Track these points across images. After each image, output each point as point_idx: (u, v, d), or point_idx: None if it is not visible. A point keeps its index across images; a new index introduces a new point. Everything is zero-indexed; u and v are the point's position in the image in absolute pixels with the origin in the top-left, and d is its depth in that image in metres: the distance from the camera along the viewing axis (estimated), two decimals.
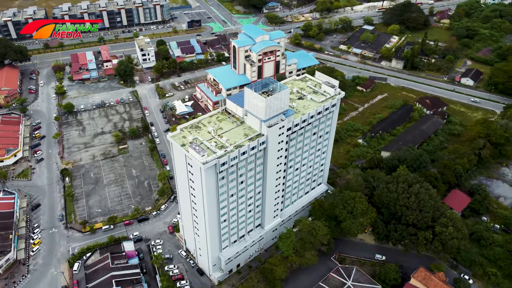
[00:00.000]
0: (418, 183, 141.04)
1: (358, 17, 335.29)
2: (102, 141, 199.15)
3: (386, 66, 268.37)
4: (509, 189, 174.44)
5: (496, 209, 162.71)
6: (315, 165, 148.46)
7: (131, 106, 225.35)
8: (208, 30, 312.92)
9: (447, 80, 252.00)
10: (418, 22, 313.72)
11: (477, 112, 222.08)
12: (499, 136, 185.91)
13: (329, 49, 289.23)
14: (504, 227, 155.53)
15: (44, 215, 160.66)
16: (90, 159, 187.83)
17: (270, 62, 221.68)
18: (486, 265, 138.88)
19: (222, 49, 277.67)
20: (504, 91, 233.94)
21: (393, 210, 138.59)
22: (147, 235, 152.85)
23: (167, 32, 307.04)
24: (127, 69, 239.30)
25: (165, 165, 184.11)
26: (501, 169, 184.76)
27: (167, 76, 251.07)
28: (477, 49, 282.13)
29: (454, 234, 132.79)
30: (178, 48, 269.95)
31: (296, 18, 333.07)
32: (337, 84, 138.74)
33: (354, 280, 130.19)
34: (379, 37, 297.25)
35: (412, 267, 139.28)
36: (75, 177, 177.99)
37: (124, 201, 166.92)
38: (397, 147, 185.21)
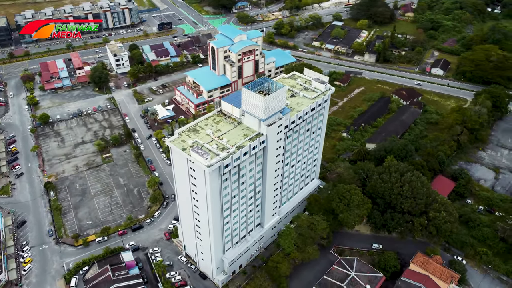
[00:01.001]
0: (409, 172, 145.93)
1: (327, 14, 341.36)
2: (83, 151, 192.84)
3: (360, 60, 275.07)
4: (488, 172, 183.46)
5: (479, 192, 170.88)
6: (308, 160, 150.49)
7: (109, 113, 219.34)
8: (179, 32, 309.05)
9: (418, 71, 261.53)
10: (385, 16, 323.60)
11: (450, 101, 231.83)
12: (474, 122, 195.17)
13: (302, 46, 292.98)
14: (487, 208, 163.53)
15: (31, 231, 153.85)
16: (73, 170, 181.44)
17: (249, 62, 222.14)
18: (477, 245, 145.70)
19: (196, 51, 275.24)
20: (472, 79, 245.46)
21: (388, 200, 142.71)
22: (144, 244, 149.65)
23: (137, 36, 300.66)
24: (102, 75, 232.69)
25: (153, 171, 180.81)
26: (478, 153, 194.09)
27: (144, 81, 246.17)
28: (443, 40, 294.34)
29: (446, 218, 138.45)
30: (152, 52, 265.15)
31: (267, 17, 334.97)
32: (326, 80, 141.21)
33: (356, 271, 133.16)
34: (350, 32, 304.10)
35: (408, 253, 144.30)
36: (60, 190, 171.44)
37: (115, 211, 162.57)
38: (380, 138, 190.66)
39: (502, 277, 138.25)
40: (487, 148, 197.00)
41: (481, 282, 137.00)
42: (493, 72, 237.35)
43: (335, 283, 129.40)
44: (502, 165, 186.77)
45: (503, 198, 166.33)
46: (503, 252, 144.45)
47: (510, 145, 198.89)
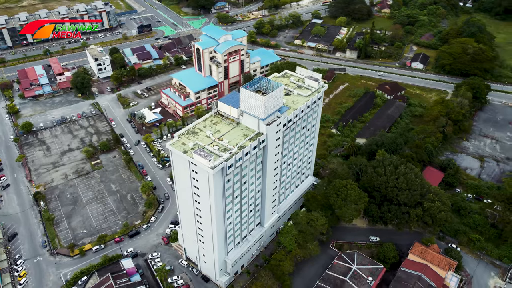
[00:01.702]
0: (402, 164, 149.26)
1: (306, 12, 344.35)
2: (71, 158, 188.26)
3: (341, 57, 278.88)
4: (473, 161, 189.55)
5: (466, 180, 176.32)
6: (304, 158, 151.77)
7: (95, 119, 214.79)
8: (159, 34, 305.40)
9: (399, 65, 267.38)
10: (362, 13, 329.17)
11: (431, 93, 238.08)
12: (457, 113, 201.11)
13: (284, 44, 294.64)
14: (476, 196, 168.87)
15: (23, 244, 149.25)
16: (62, 179, 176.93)
17: (235, 62, 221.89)
18: (469, 232, 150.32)
19: (179, 53, 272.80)
20: (451, 71, 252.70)
21: (384, 192, 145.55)
22: (142, 250, 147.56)
23: (117, 39, 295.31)
24: (85, 80, 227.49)
25: (145, 175, 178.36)
26: (463, 143, 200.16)
27: (127, 85, 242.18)
28: (420, 34, 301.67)
29: (441, 207, 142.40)
30: (134, 55, 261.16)
31: (246, 17, 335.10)
32: (319, 77, 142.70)
33: (358, 264, 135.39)
34: (330, 29, 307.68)
35: (404, 244, 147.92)
36: (50, 199, 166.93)
37: (109, 218, 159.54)
38: (369, 133, 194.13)
39: (495, 262, 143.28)
40: (471, 138, 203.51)
41: (476, 267, 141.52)
42: (470, 64, 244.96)
43: (338, 277, 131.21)
44: (486, 154, 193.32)
45: (490, 186, 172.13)
46: (494, 238, 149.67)
47: (492, 134, 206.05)
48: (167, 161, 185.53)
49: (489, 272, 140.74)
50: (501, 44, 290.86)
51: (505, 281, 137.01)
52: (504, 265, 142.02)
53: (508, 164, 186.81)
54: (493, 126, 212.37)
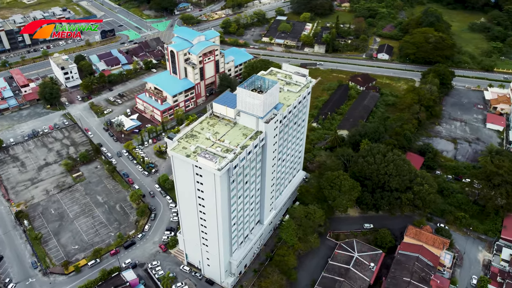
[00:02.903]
0: (389, 152, 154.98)
1: (269, 9, 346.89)
2: (50, 173, 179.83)
3: (310, 52, 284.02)
4: (447, 143, 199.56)
5: (444, 162, 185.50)
6: (295, 153, 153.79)
7: (69, 130, 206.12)
8: (124, 38, 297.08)
9: (366, 57, 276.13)
10: (324, 8, 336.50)
11: (400, 82, 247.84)
12: (428, 99, 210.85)
13: (252, 42, 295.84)
14: (455, 176, 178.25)
15: (12, 267, 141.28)
16: (44, 195, 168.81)
17: (210, 62, 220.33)
18: (454, 211, 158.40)
19: (147, 56, 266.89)
20: (415, 60, 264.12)
21: (376, 180, 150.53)
22: (140, 260, 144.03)
23: (80, 46, 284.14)
24: (53, 91, 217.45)
25: (132, 184, 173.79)
26: (436, 128, 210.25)
27: (98, 92, 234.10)
28: (381, 26, 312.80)
29: (429, 190, 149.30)
30: (102, 61, 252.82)
31: (211, 17, 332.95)
32: (307, 73, 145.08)
33: (358, 251, 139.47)
34: (295, 25, 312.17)
35: (397, 228, 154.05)
36: (33, 218, 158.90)
37: (101, 231, 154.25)
38: (349, 124, 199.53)
39: (481, 236, 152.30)
40: (442, 122, 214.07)
41: (465, 244, 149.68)
42: (433, 52, 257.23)
43: (342, 266, 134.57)
44: (458, 136, 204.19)
45: (466, 166, 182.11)
46: (477, 214, 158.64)
47: (460, 117, 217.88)
48: (152, 168, 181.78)
49: (477, 247, 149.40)
50: (456, 32, 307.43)
51: (492, 254, 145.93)
52: (490, 239, 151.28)
53: (479, 144, 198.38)
54: (460, 109, 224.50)
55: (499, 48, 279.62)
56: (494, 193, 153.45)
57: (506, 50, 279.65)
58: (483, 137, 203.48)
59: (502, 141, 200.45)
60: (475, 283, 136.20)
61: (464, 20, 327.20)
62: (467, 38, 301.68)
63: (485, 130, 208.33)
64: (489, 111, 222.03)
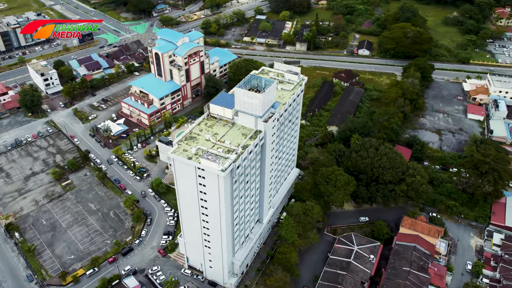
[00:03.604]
0: (382, 145, 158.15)
1: (248, 9, 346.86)
2: (38, 183, 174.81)
3: (292, 50, 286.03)
4: (432, 135, 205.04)
5: (431, 153, 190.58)
6: (290, 150, 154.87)
7: (53, 137, 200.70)
8: (102, 42, 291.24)
9: (347, 53, 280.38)
10: (303, 6, 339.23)
11: (382, 77, 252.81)
12: (411, 93, 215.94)
13: (234, 42, 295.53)
14: (442, 166, 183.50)
15: (6, 281, 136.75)
16: (33, 206, 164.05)
17: (196, 64, 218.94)
18: (445, 200, 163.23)
19: (128, 60, 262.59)
20: (395, 55, 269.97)
21: (370, 174, 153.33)
22: (140, 266, 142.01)
23: (57, 52, 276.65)
24: (34, 98, 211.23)
25: (124, 190, 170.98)
26: (420, 120, 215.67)
27: (81, 98, 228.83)
28: (360, 23, 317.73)
29: (421, 180, 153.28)
30: (82, 66, 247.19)
31: (190, 18, 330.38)
32: (299, 70, 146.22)
33: (357, 244, 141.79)
34: (275, 24, 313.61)
35: (391, 220, 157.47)
36: (24, 229, 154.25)
37: (96, 239, 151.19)
38: (337, 120, 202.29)
39: (472, 223, 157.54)
40: (426, 115, 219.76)
41: (457, 231, 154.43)
42: (411, 46, 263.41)
43: (343, 260, 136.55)
44: (441, 127, 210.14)
45: (452, 156, 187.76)
46: (467, 202, 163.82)
47: (443, 109, 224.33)
48: (144, 172, 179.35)
49: (468, 233, 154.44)
50: (431, 26, 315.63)
51: (483, 239, 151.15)
52: (480, 225, 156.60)
53: (462, 135, 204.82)
54: (441, 101, 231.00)
55: (473, 41, 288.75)
56: (481, 181, 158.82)
57: (480, 42, 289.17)
58: (465, 127, 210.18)
59: (483, 131, 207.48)
60: (470, 269, 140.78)
61: (438, 14, 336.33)
62: (442, 32, 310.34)
63: (466, 121, 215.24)
64: (469, 102, 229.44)
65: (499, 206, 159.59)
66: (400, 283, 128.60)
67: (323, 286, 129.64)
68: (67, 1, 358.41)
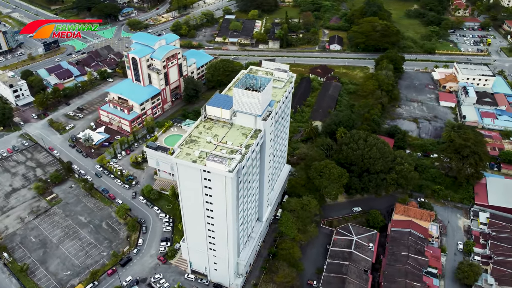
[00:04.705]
0: (369, 137, 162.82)
1: (215, 9, 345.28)
2: (20, 199, 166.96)
3: (265, 49, 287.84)
4: (410, 123, 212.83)
5: (412, 141, 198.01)
6: (282, 147, 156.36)
7: (30, 151, 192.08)
8: (70, 49, 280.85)
9: (320, 49, 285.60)
10: (270, 4, 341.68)
11: (356, 71, 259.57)
12: (387, 84, 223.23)
13: (206, 43, 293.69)
14: (424, 153, 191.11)
15: None
16: (19, 224, 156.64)
17: (174, 67, 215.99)
18: (430, 185, 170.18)
19: (100, 66, 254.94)
20: (365, 49, 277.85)
21: (361, 165, 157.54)
22: (141, 275, 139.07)
23: (22, 61, 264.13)
24: (5, 111, 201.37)
25: (113, 199, 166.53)
26: (397, 110, 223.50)
27: (54, 108, 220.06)
28: (328, 19, 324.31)
29: (409, 168, 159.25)
30: (52, 75, 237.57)
31: (158, 20, 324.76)
32: (287, 68, 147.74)
33: (356, 234, 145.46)
34: (245, 23, 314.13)
35: (383, 208, 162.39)
36: (12, 249, 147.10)
37: (91, 252, 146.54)
38: (320, 115, 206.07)
39: (458, 205, 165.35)
40: (401, 105, 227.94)
41: (446, 214, 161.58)
42: (381, 39, 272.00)
43: (344, 251, 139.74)
44: (418, 116, 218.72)
45: (431, 142, 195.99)
46: (451, 185, 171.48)
47: (416, 98, 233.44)
48: (132, 180, 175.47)
49: (455, 215, 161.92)
50: (395, 19, 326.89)
51: (470, 219, 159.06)
52: (465, 206, 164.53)
53: (437, 121, 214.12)
54: (414, 91, 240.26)
55: (436, 31, 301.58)
56: (463, 164, 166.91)
57: (443, 33, 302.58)
58: (439, 114, 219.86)
59: (456, 117, 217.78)
60: (462, 248, 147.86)
61: (400, 8, 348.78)
62: (406, 24, 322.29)
63: (440, 108, 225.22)
64: (439, 90, 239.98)
65: (481, 186, 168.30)
66: (401, 268, 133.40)
67: (328, 277, 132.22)
68: (26, 8, 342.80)
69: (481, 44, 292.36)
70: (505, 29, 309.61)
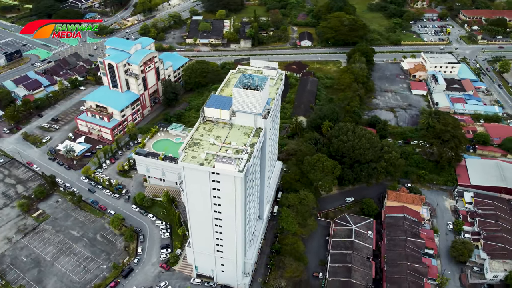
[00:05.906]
0: (357, 128, 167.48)
1: (181, 10, 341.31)
2: (4, 218, 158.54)
3: (237, 48, 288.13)
4: (387, 113, 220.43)
5: (391, 130, 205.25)
6: (275, 144, 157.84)
7: (7, 167, 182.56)
8: (34, 59, 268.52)
9: (291, 46, 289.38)
10: (236, 3, 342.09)
11: (329, 65, 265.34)
12: (362, 76, 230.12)
13: (177, 45, 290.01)
14: (404, 141, 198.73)
15: None
16: (6, 244, 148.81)
17: (151, 71, 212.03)
18: (415, 170, 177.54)
19: (69, 74, 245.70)
20: (335, 43, 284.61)
21: (353, 155, 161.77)
22: (145, 284, 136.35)
23: None
24: None
25: (105, 210, 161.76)
26: (373, 101, 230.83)
27: (27, 121, 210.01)
28: (295, 15, 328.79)
29: (396, 155, 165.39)
30: (19, 86, 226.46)
31: (124, 24, 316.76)
32: (276, 65, 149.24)
33: (354, 223, 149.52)
34: (214, 24, 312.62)
35: (374, 196, 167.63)
36: (3, 271, 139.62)
37: (89, 266, 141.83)
38: (302, 110, 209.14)
39: (443, 187, 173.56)
40: (377, 95, 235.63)
41: (433, 197, 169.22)
42: (349, 34, 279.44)
43: (346, 241, 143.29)
44: (393, 105, 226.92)
45: (410, 130, 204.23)
46: (434, 169, 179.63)
47: (390, 88, 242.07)
48: (122, 189, 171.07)
49: (441, 197, 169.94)
50: (359, 13, 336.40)
51: (455, 200, 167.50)
52: (449, 188, 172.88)
53: (412, 109, 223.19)
54: (386, 81, 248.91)
55: (399, 23, 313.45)
56: (444, 148, 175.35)
57: (405, 24, 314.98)
58: (413, 102, 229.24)
59: (428, 103, 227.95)
60: (452, 228, 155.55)
61: (363, 2, 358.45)
62: (369, 18, 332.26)
63: (412, 97, 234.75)
64: (410, 79, 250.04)
65: (462, 168, 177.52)
66: (401, 252, 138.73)
67: (334, 268, 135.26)
68: None
69: (442, 33, 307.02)
70: (461, 18, 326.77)
